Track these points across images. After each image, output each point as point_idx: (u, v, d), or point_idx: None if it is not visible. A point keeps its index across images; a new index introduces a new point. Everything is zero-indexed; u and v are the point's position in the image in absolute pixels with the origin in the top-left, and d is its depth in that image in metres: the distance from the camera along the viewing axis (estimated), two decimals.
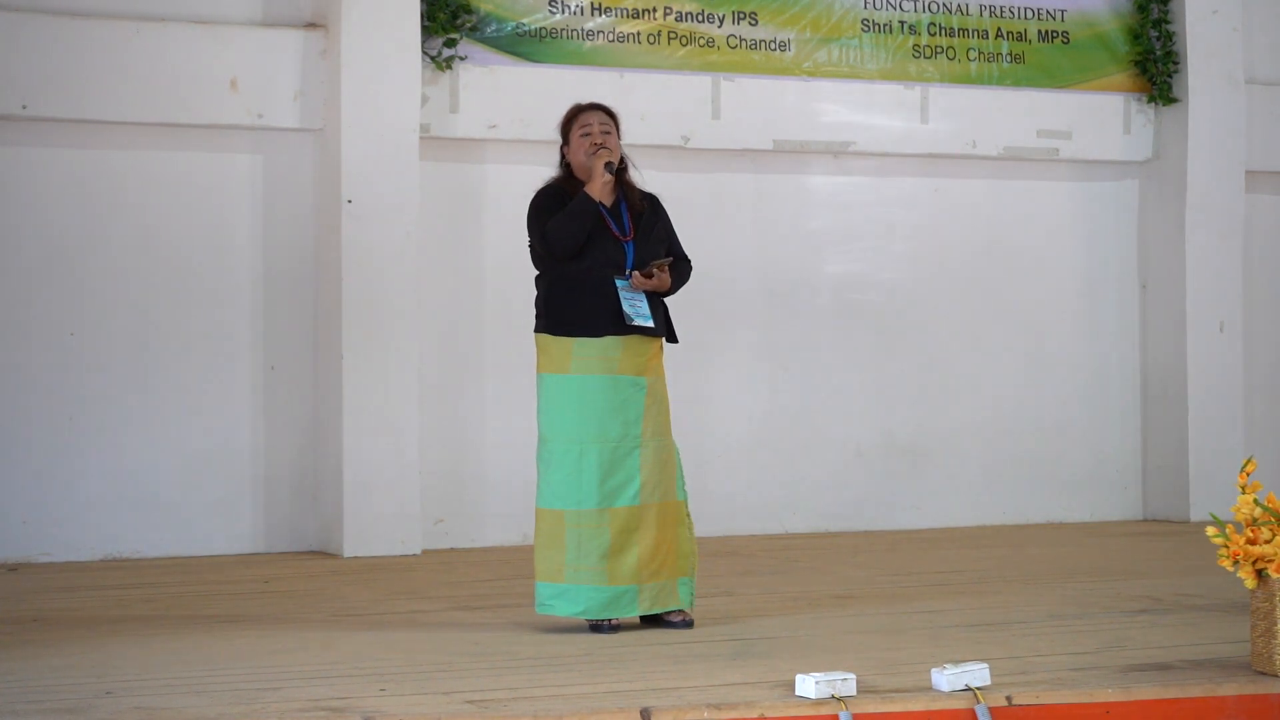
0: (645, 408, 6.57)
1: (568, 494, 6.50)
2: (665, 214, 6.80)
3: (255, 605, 7.54)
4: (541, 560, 6.56)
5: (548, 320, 6.61)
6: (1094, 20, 10.96)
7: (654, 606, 6.56)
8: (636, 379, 6.56)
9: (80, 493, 9.15)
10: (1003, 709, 5.14)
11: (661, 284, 6.61)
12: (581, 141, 6.66)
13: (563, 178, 6.74)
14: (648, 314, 6.56)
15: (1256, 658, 5.59)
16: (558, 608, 6.53)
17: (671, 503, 6.61)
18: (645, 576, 6.52)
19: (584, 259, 6.56)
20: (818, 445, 10.53)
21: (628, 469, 6.51)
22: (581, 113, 6.74)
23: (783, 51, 10.33)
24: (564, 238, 6.52)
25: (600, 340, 6.53)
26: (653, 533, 6.53)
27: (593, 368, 6.52)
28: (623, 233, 6.63)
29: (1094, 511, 11.07)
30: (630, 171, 6.75)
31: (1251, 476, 5.65)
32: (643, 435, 6.55)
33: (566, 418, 6.53)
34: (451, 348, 9.81)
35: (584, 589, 6.48)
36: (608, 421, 6.51)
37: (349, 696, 5.24)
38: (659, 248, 6.67)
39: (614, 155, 6.61)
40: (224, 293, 9.45)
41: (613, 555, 6.48)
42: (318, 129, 9.47)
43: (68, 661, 5.95)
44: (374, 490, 9.26)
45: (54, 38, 8.99)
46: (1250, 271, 11.26)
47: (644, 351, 6.60)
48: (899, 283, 10.75)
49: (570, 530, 6.49)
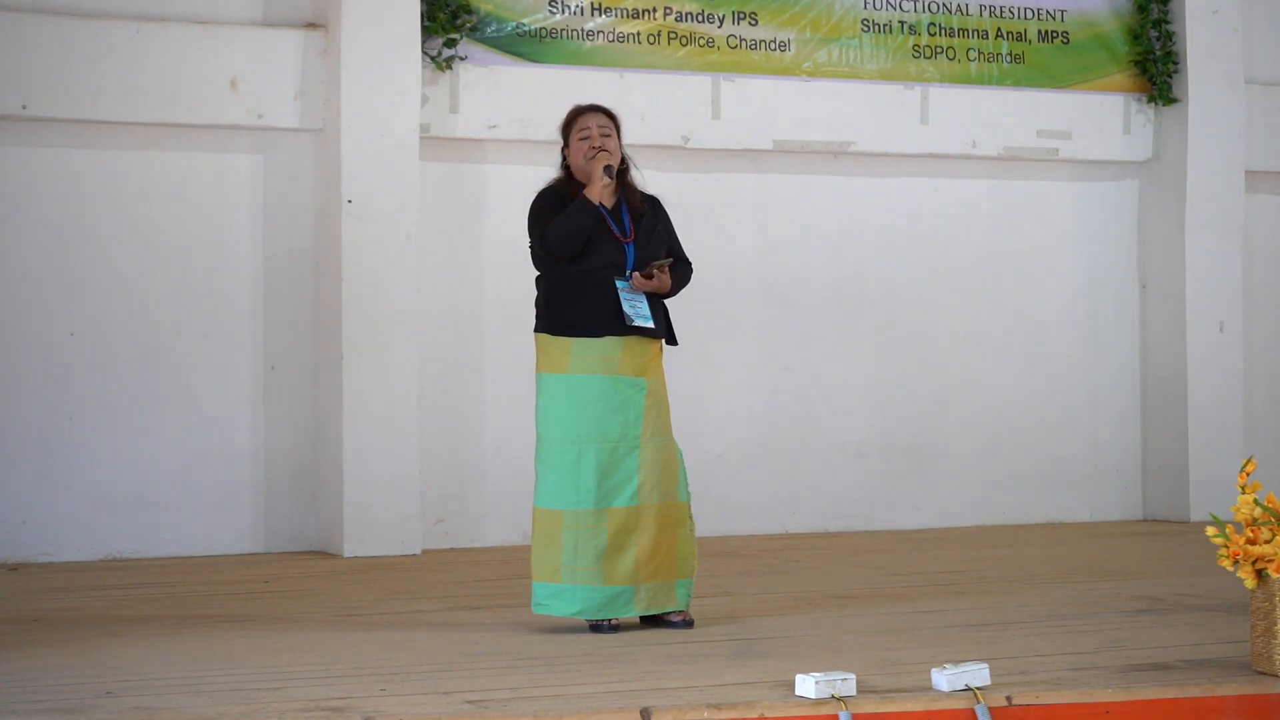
0: (645, 409, 6.57)
1: (565, 494, 6.49)
2: (666, 215, 6.80)
3: (255, 605, 7.53)
4: (538, 560, 6.56)
5: (547, 320, 6.61)
6: (1094, 20, 10.96)
7: (650, 607, 6.56)
8: (636, 379, 6.56)
9: (80, 493, 9.15)
10: (1003, 709, 5.14)
11: (662, 285, 6.60)
12: (581, 144, 6.65)
13: (563, 179, 6.74)
14: (648, 315, 6.56)
15: (1256, 658, 5.59)
16: (554, 607, 6.53)
17: (673, 504, 6.61)
18: (643, 577, 6.52)
19: (585, 260, 6.56)
20: (818, 445, 10.53)
21: (626, 469, 6.51)
22: (581, 115, 6.73)
23: (783, 51, 10.33)
24: (563, 240, 6.52)
25: (600, 341, 6.53)
26: (651, 533, 6.53)
27: (592, 368, 6.51)
28: (623, 234, 6.63)
29: (1094, 511, 11.08)
30: (631, 173, 6.75)
31: (1251, 476, 5.64)
32: (642, 436, 6.54)
33: (565, 418, 6.53)
34: (451, 348, 9.81)
35: (580, 589, 6.47)
36: (607, 421, 6.51)
37: (349, 696, 5.24)
38: (660, 249, 6.67)
39: (613, 158, 6.61)
40: (224, 293, 9.45)
41: (609, 556, 6.48)
42: (318, 129, 9.48)
43: (68, 661, 5.95)
44: (374, 490, 9.26)
45: (54, 38, 9.00)
46: (1250, 271, 11.26)
47: (644, 352, 6.60)
48: (899, 283, 10.75)
49: (567, 530, 6.48)
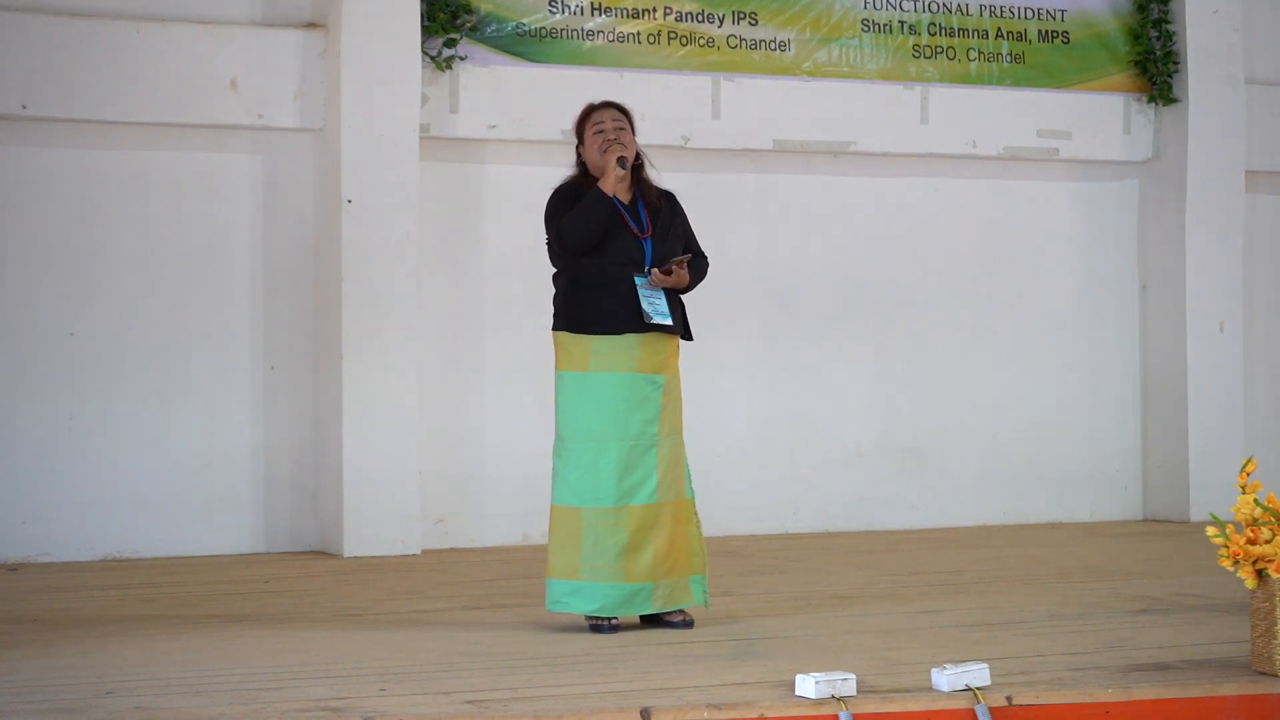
0: (662, 406, 6.59)
1: (585, 492, 6.51)
2: (683, 211, 6.81)
3: (255, 605, 7.53)
4: (556, 557, 6.56)
5: (567, 318, 6.62)
6: (1094, 20, 10.96)
7: (667, 604, 6.58)
8: (654, 377, 6.57)
9: (80, 493, 9.15)
10: (1003, 709, 5.14)
11: (680, 281, 6.62)
12: (595, 139, 6.67)
13: (578, 176, 6.75)
14: (666, 312, 6.58)
15: (1256, 658, 5.59)
16: (572, 605, 6.53)
17: (682, 501, 6.64)
18: (660, 574, 6.54)
19: (602, 256, 6.57)
20: (818, 445, 10.53)
21: (645, 467, 6.53)
22: (595, 111, 6.76)
23: (783, 51, 10.33)
24: (578, 232, 6.53)
25: (620, 338, 6.53)
26: (667, 530, 6.55)
27: (613, 365, 6.53)
28: (640, 230, 6.64)
29: (1094, 511, 11.07)
30: (646, 169, 6.77)
31: (1251, 476, 5.65)
32: (659, 433, 6.57)
33: (586, 415, 6.54)
34: (451, 348, 9.81)
35: (600, 586, 6.48)
36: (627, 419, 6.52)
37: (349, 696, 5.24)
38: (677, 244, 6.69)
39: (627, 151, 6.62)
40: (224, 293, 9.45)
41: (629, 553, 6.49)
42: (318, 129, 9.47)
43: (68, 661, 5.95)
44: (374, 490, 9.26)
45: (54, 38, 8.99)
46: (1250, 271, 11.26)
47: (663, 349, 6.62)
48: (899, 283, 10.75)
49: (587, 528, 6.50)
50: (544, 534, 9.78)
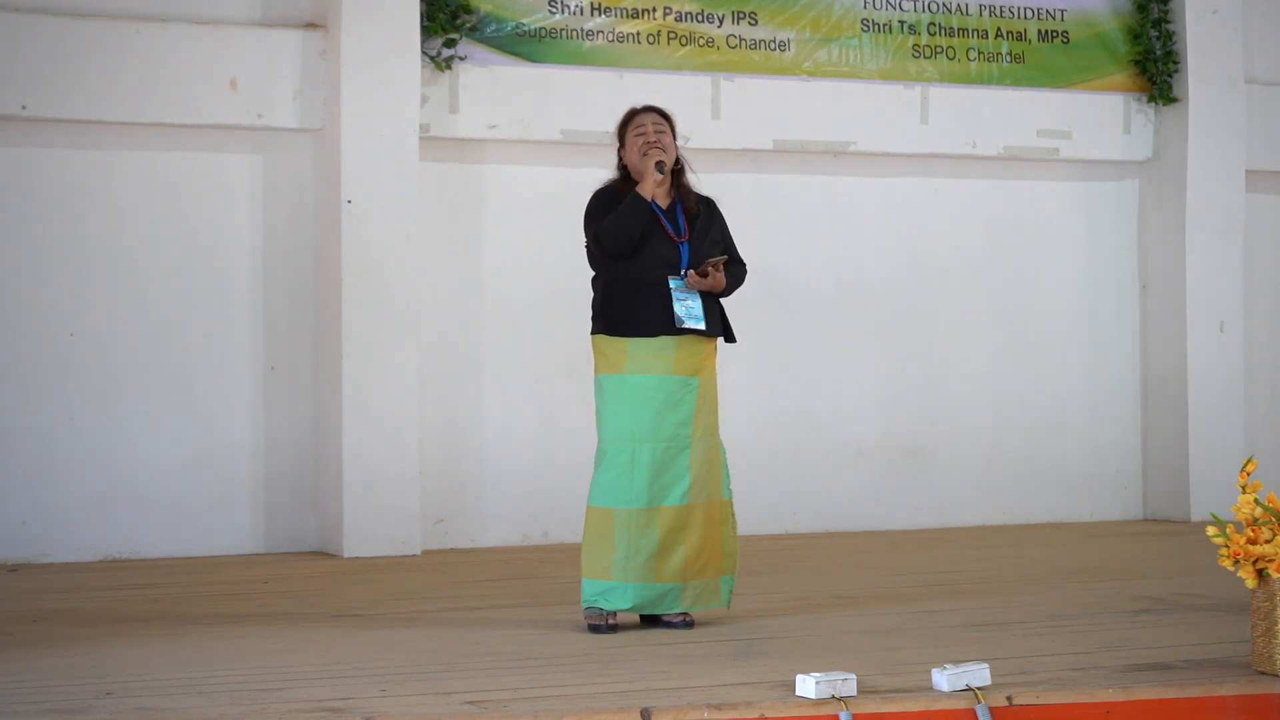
0: (696, 408, 6.61)
1: (618, 493, 6.53)
2: (721, 216, 6.83)
3: (255, 605, 7.53)
4: (589, 557, 6.59)
5: (604, 322, 6.65)
6: (1094, 20, 10.96)
7: (696, 604, 6.62)
8: (689, 379, 6.60)
9: (80, 493, 9.15)
10: (1003, 709, 5.14)
11: (716, 284, 6.63)
12: (635, 141, 6.70)
13: (619, 180, 6.78)
14: (700, 316, 6.60)
15: (1256, 658, 5.59)
16: (605, 603, 6.56)
17: (717, 501, 6.66)
18: (690, 575, 6.58)
19: (639, 259, 6.59)
20: (818, 445, 10.53)
21: (678, 468, 6.55)
22: (637, 115, 6.79)
23: (783, 51, 10.33)
24: (615, 235, 6.55)
25: (655, 340, 6.57)
26: (699, 531, 6.58)
27: (648, 368, 6.55)
28: (678, 234, 6.67)
29: (1094, 511, 11.08)
30: (686, 174, 6.79)
31: (1251, 476, 5.64)
32: (693, 435, 6.59)
33: (621, 418, 6.56)
34: (451, 348, 9.81)
35: (632, 586, 6.52)
36: (661, 421, 6.55)
37: (349, 697, 5.24)
38: (714, 249, 6.70)
39: (667, 155, 6.64)
40: (224, 293, 9.45)
41: (661, 554, 6.53)
42: (317, 129, 9.48)
43: (68, 661, 5.95)
44: (374, 490, 9.26)
45: (54, 38, 9.00)
46: (1250, 271, 11.26)
47: (699, 352, 6.64)
48: (899, 283, 10.75)
49: (620, 529, 6.52)
50: (544, 534, 9.87)
